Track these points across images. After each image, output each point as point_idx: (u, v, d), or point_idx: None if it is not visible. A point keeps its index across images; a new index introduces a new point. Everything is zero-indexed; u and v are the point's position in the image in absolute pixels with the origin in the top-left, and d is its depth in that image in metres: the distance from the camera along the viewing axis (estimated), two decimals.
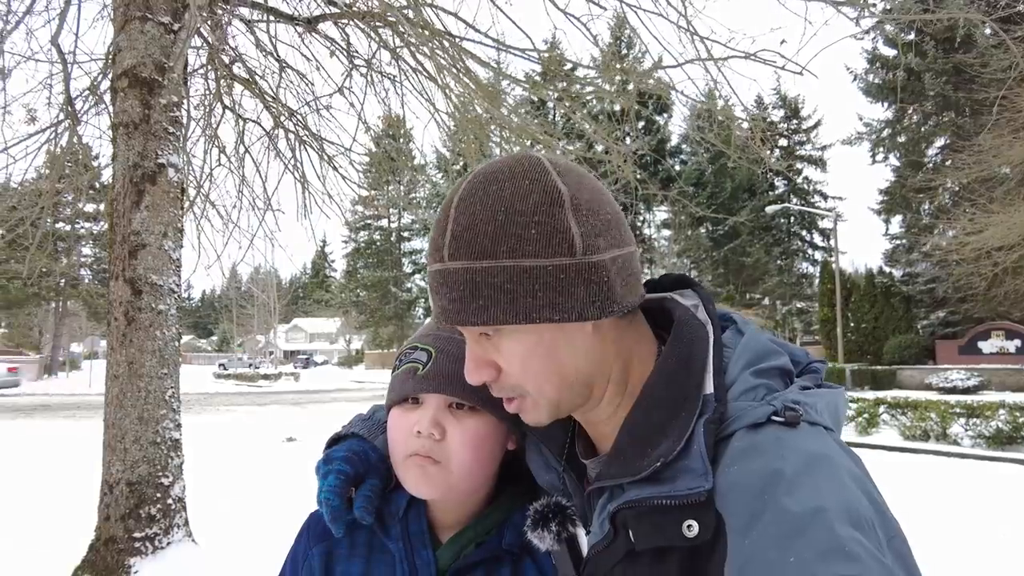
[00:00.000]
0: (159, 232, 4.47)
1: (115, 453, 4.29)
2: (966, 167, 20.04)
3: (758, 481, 0.58)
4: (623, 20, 5.50)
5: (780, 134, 42.08)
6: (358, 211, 13.94)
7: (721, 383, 0.68)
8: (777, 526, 0.55)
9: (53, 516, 6.26)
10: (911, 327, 29.01)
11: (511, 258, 0.66)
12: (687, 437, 0.64)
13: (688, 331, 0.73)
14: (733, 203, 41.11)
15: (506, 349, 0.71)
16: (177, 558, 4.30)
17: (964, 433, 11.35)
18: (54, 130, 6.11)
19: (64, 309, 39.62)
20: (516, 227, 0.66)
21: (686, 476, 0.62)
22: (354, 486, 0.91)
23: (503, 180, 0.69)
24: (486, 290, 0.67)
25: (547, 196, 0.68)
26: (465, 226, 0.68)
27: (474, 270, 0.67)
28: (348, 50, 6.09)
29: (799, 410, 0.63)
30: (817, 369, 0.75)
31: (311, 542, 0.96)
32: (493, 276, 0.66)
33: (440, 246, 0.69)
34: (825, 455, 0.60)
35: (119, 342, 4.35)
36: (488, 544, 0.92)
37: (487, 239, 0.66)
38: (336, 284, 63.66)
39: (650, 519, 0.64)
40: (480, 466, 0.89)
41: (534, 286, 0.66)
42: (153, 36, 4.49)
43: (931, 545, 5.58)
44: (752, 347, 0.72)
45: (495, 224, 0.67)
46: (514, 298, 0.66)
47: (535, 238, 0.66)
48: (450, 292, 0.68)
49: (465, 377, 0.74)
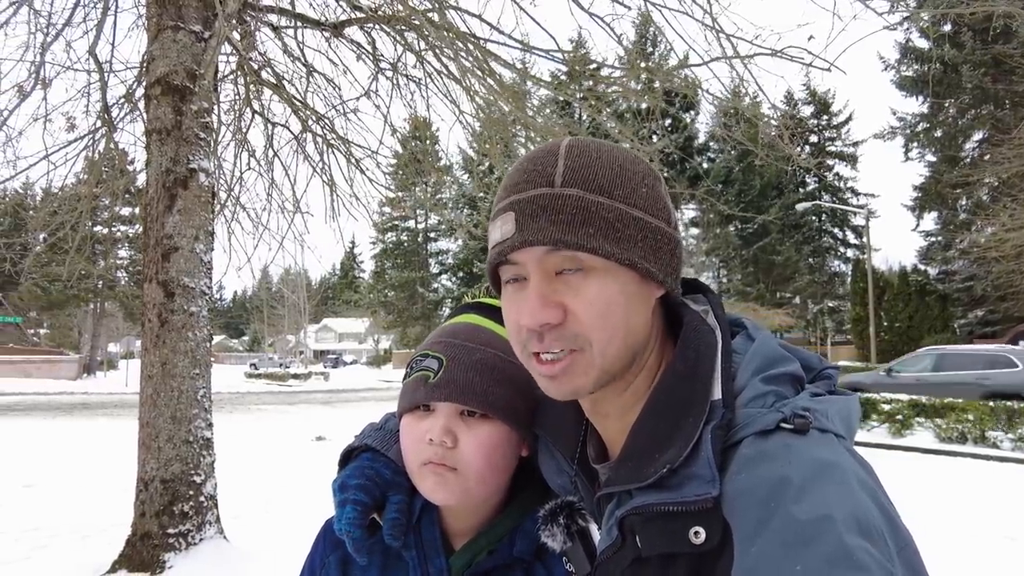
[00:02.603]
0: (191, 235, 4.57)
1: (149, 451, 4.40)
2: (1006, 161, 19.48)
3: (765, 488, 0.58)
4: (648, 19, 5.46)
5: (809, 130, 41.33)
6: (385, 212, 14.16)
7: (729, 389, 0.67)
8: (784, 534, 0.54)
9: (92, 512, 6.43)
10: (947, 326, 28.29)
11: (625, 203, 0.70)
12: (694, 443, 0.64)
13: (697, 336, 0.73)
14: (762, 201, 40.50)
15: (588, 292, 0.69)
16: (209, 554, 4.39)
17: (1004, 436, 11.02)
18: (92, 137, 6.30)
19: (102, 310, 40.69)
20: (632, 180, 0.71)
21: (693, 482, 0.62)
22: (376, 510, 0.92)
23: (613, 146, 0.75)
24: (599, 221, 0.68)
25: (652, 171, 0.75)
26: (583, 164, 0.71)
27: (590, 200, 0.69)
28: (374, 54, 6.16)
29: (809, 417, 0.62)
30: (830, 375, 0.74)
31: (327, 550, 0.97)
32: (608, 211, 0.69)
33: (548, 174, 0.70)
34: (834, 462, 0.59)
35: (153, 343, 4.46)
36: (500, 551, 0.92)
37: (606, 179, 0.70)
38: (364, 285, 64.24)
39: (657, 525, 0.64)
40: (493, 473, 0.90)
41: (638, 235, 0.70)
42: (185, 44, 4.60)
43: (966, 550, 5.43)
44: (762, 353, 0.71)
45: (613, 170, 0.71)
46: (622, 238, 0.69)
47: (646, 196, 0.72)
48: (559, 215, 0.68)
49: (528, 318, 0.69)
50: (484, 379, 0.84)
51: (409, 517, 0.92)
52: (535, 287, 0.70)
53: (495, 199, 0.76)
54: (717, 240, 41.89)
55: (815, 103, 42.92)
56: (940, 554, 4.96)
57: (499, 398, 0.77)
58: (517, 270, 0.72)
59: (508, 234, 0.70)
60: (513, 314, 0.73)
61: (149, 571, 4.23)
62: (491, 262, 0.75)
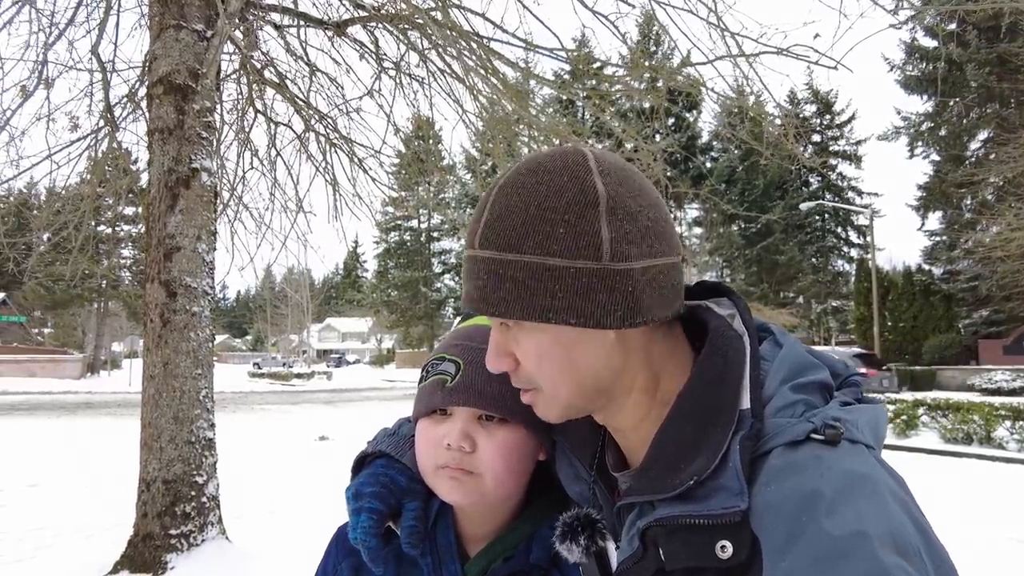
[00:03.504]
0: (193, 235, 4.56)
1: (151, 452, 4.39)
2: (1011, 160, 19.39)
3: (796, 501, 0.56)
4: (652, 17, 5.44)
5: (813, 130, 41.24)
6: (388, 212, 14.12)
7: (758, 398, 0.65)
8: (816, 549, 0.52)
9: (96, 511, 6.43)
10: (952, 326, 28.19)
11: (536, 254, 0.65)
12: (722, 454, 0.62)
13: (724, 343, 0.70)
14: (765, 200, 40.44)
15: (523, 344, 0.71)
16: (211, 555, 4.38)
17: (1010, 436, 10.97)
18: (95, 136, 6.29)
19: (105, 310, 40.81)
20: (546, 224, 0.65)
21: (720, 495, 0.60)
22: (392, 518, 0.90)
23: (542, 173, 0.68)
24: (508, 283, 0.66)
25: (582, 196, 0.66)
26: (497, 216, 0.68)
27: (499, 261, 0.67)
28: (377, 53, 6.15)
29: (840, 427, 0.60)
30: (857, 382, 0.71)
31: (340, 556, 0.96)
32: (516, 270, 0.66)
33: (474, 231, 0.70)
34: (868, 475, 0.57)
35: (155, 343, 4.45)
36: (516, 559, 0.90)
37: (515, 232, 0.66)
38: (367, 284, 64.38)
39: (682, 538, 0.62)
40: (511, 476, 0.88)
41: (555, 286, 0.65)
42: (187, 43, 4.58)
43: (972, 552, 5.40)
44: (790, 360, 0.68)
45: (526, 217, 0.66)
46: (533, 295, 0.66)
47: (562, 237, 0.65)
48: (476, 280, 0.69)
49: (486, 363, 0.75)
50: (502, 383, 0.81)
51: (426, 524, 0.91)
52: (491, 339, 0.74)
53: None
54: (720, 240, 41.82)
55: (818, 102, 42.84)
56: None
57: (517, 402, 0.76)
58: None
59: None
60: None
61: (151, 572, 4.22)
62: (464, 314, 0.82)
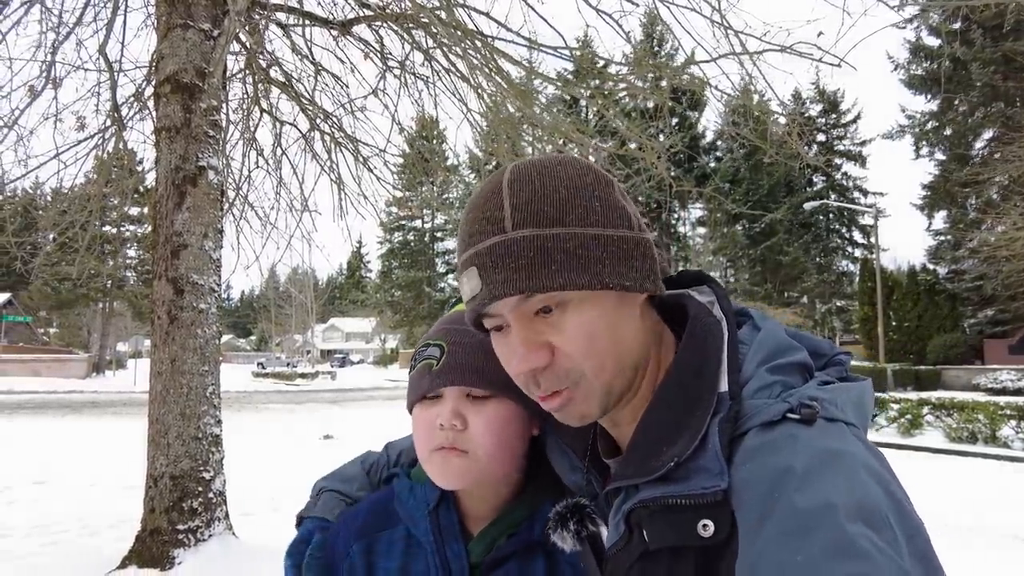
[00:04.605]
0: (200, 233, 4.59)
1: (159, 448, 4.42)
2: (1016, 159, 19.31)
3: (769, 479, 0.57)
4: (655, 15, 5.44)
5: (818, 129, 41.12)
6: (392, 212, 14.12)
7: (736, 380, 0.66)
8: (785, 523, 0.53)
9: (102, 508, 6.47)
10: (957, 326, 28.08)
11: (581, 226, 0.68)
12: (701, 436, 0.63)
13: (702, 328, 0.72)
14: (770, 200, 40.33)
15: (570, 326, 0.69)
16: (218, 550, 4.41)
17: (1015, 435, 10.94)
18: (102, 136, 6.33)
19: (111, 309, 40.92)
20: (582, 198, 0.69)
21: (700, 475, 0.61)
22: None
23: (555, 164, 0.72)
24: (559, 255, 0.67)
25: (601, 178, 0.73)
26: (527, 199, 0.69)
27: (545, 236, 0.67)
28: (382, 52, 6.17)
29: (816, 407, 0.61)
30: (842, 361, 0.72)
31: (351, 539, 0.97)
32: (565, 242, 0.67)
33: (498, 220, 0.69)
34: (841, 451, 0.58)
35: (162, 340, 4.48)
36: (520, 535, 0.92)
37: (555, 208, 0.68)
38: (371, 284, 64.46)
39: (664, 518, 0.63)
40: (504, 451, 0.90)
41: (603, 253, 0.68)
42: (194, 43, 4.62)
43: (976, 551, 5.40)
44: (768, 343, 0.70)
45: (559, 196, 0.69)
46: (586, 263, 0.67)
47: (599, 210, 0.70)
48: (516, 261, 0.67)
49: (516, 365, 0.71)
50: (487, 359, 0.83)
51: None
52: (517, 334, 0.70)
53: (457, 246, 0.76)
54: (724, 239, 41.74)
55: (823, 101, 42.72)
56: (949, 555, 4.90)
57: (503, 375, 0.77)
58: (496, 320, 0.73)
59: (476, 290, 0.70)
60: (505, 360, 0.75)
61: (159, 567, 4.25)
62: (469, 319, 0.76)
